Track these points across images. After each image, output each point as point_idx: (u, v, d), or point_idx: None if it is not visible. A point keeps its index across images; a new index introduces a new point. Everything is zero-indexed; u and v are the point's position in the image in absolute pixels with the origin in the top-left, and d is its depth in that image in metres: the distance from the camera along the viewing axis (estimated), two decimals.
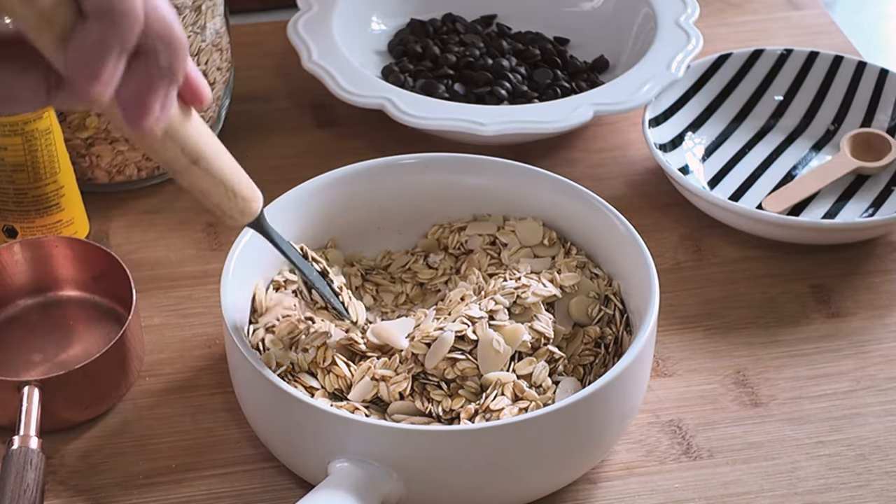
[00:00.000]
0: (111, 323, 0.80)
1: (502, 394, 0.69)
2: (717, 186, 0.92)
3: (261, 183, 0.64)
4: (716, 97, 0.98)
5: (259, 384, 0.67)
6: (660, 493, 0.72)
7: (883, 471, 0.73)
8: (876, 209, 0.90)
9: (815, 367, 0.80)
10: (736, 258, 0.88)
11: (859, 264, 0.87)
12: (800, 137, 0.97)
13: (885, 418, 0.77)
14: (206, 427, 0.76)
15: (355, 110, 0.96)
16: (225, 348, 0.72)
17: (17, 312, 0.81)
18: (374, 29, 1.05)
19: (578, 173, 0.94)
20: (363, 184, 0.80)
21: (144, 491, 0.72)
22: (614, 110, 0.91)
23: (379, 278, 0.80)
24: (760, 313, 0.84)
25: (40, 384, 0.72)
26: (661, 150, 0.91)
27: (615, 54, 1.02)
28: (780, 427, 0.76)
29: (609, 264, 0.77)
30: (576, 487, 0.72)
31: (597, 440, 0.69)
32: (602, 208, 0.77)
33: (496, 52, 1.01)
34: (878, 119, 0.96)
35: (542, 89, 0.97)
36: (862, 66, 0.97)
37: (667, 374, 0.79)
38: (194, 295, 0.85)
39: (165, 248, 0.88)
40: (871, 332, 0.83)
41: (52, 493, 0.72)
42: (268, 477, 0.73)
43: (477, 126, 0.89)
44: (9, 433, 0.72)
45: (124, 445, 0.75)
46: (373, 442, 0.64)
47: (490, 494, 0.68)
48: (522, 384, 0.69)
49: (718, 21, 1.11)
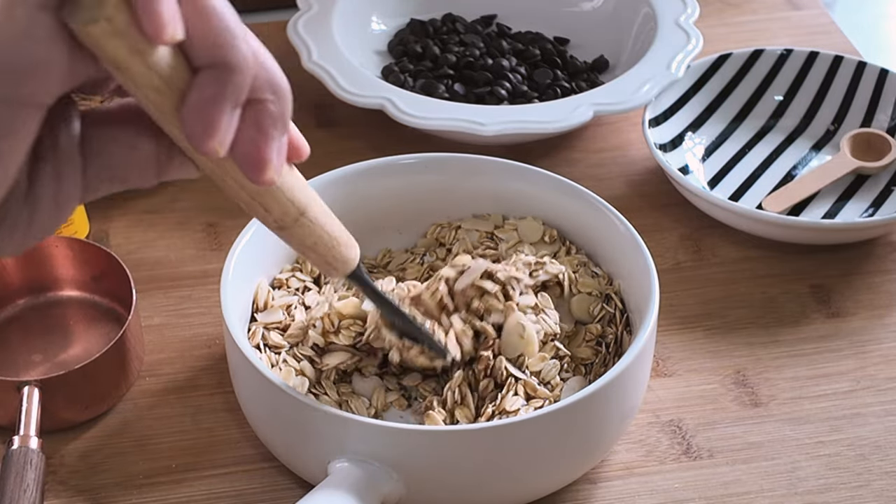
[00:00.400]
0: (111, 323, 0.80)
1: (516, 393, 0.69)
2: (717, 186, 0.92)
3: None
4: (716, 97, 0.98)
5: (259, 384, 0.67)
6: (660, 493, 0.72)
7: (883, 471, 0.73)
8: (876, 209, 0.90)
9: (815, 367, 0.80)
10: (736, 258, 0.88)
11: (859, 264, 0.87)
12: (800, 137, 0.97)
13: (885, 418, 0.77)
14: (206, 427, 0.76)
15: (355, 110, 0.96)
16: (225, 348, 0.72)
17: (17, 312, 0.81)
18: (374, 29, 1.05)
19: (578, 173, 0.94)
20: (363, 184, 0.80)
21: (144, 491, 0.72)
22: (614, 110, 0.91)
23: (378, 276, 0.80)
24: (760, 313, 0.84)
25: (40, 384, 0.73)
26: (661, 150, 0.91)
27: (615, 54, 1.02)
28: (780, 427, 0.76)
29: (609, 264, 0.77)
30: (576, 487, 0.72)
31: (597, 440, 0.69)
32: (602, 208, 0.77)
33: (496, 52, 1.01)
34: (878, 119, 0.96)
35: (542, 89, 0.97)
36: (862, 66, 0.97)
37: (667, 374, 0.79)
38: (194, 295, 0.85)
39: (165, 248, 0.88)
40: (871, 332, 0.83)
41: (52, 493, 0.72)
42: (268, 477, 0.73)
43: (477, 126, 0.89)
44: (9, 433, 0.72)
45: (124, 445, 0.75)
46: (373, 442, 0.64)
47: (490, 494, 0.68)
48: (534, 382, 0.70)
49: (718, 21, 1.11)
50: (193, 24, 0.43)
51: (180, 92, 0.44)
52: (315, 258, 0.58)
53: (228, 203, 0.84)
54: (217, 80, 0.44)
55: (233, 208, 0.87)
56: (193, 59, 0.44)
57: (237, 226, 0.77)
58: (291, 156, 0.52)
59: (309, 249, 0.57)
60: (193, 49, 0.44)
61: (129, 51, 0.42)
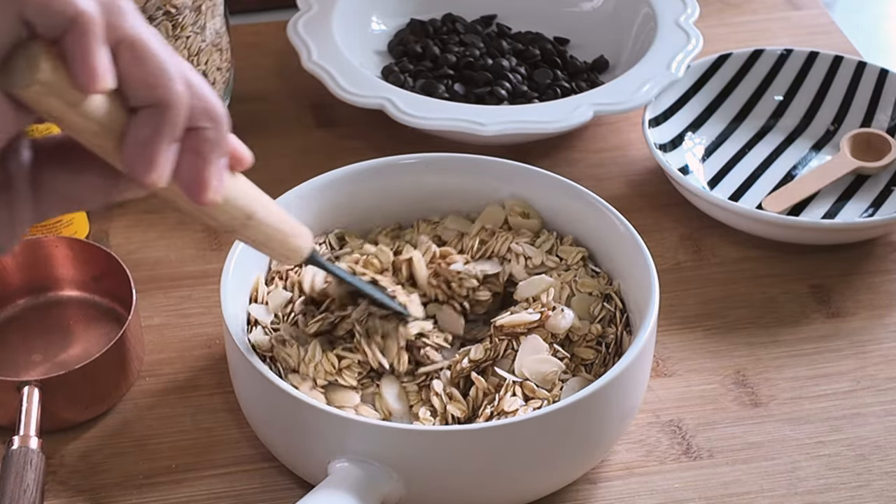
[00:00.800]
0: (111, 323, 0.80)
1: (514, 394, 0.69)
2: (717, 186, 0.92)
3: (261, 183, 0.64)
4: (716, 97, 0.98)
5: (259, 384, 0.67)
6: (660, 493, 0.72)
7: (883, 471, 0.73)
8: (876, 209, 0.90)
9: (815, 367, 0.80)
10: (736, 258, 0.88)
11: (859, 264, 0.87)
12: (800, 137, 0.97)
13: (885, 418, 0.77)
14: (206, 427, 0.76)
15: (355, 110, 0.96)
16: (225, 348, 0.72)
17: (17, 312, 0.81)
18: (374, 29, 1.05)
19: (578, 173, 0.94)
20: (363, 184, 0.80)
21: (144, 491, 0.72)
22: (614, 110, 0.91)
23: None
24: (760, 313, 0.84)
25: (40, 384, 0.72)
26: (661, 150, 0.91)
27: (615, 54, 1.02)
28: (780, 427, 0.76)
29: (609, 264, 0.77)
30: (576, 487, 0.72)
31: (597, 440, 0.69)
32: (602, 208, 0.77)
33: (496, 52, 1.01)
34: (878, 119, 0.96)
35: (542, 89, 0.97)
36: (862, 66, 0.97)
37: (667, 374, 0.79)
38: (194, 295, 0.85)
39: (165, 248, 0.88)
40: (871, 332, 0.83)
41: (52, 493, 0.72)
42: (268, 477, 0.73)
43: (477, 126, 0.89)
44: (9, 433, 0.72)
45: (124, 445, 0.75)
46: (373, 442, 0.64)
47: (490, 494, 0.68)
48: (532, 384, 0.70)
49: (718, 21, 1.11)
50: (129, 67, 0.46)
51: (119, 133, 0.46)
52: (269, 252, 0.62)
53: None
54: (152, 119, 0.47)
55: None
56: (129, 99, 0.46)
57: None
58: (234, 166, 0.54)
59: (261, 245, 0.61)
60: (129, 90, 0.46)
61: (65, 104, 0.44)
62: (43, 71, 0.42)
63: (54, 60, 0.43)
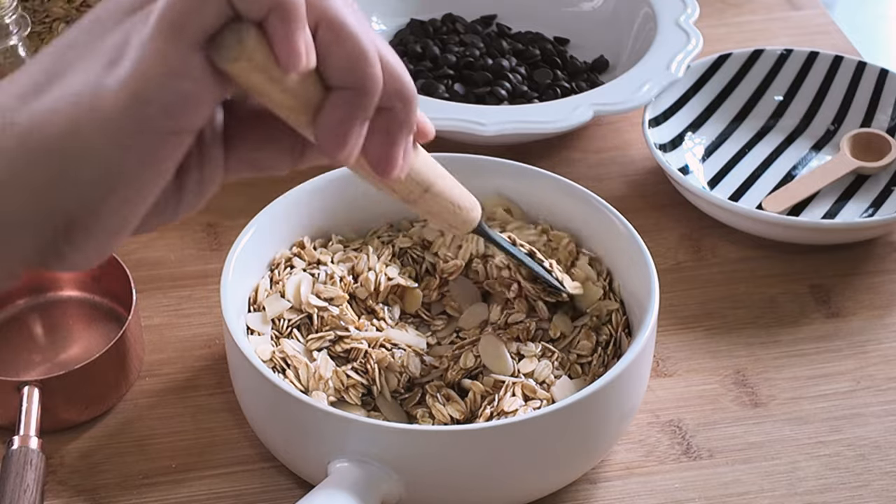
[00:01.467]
0: (111, 323, 0.80)
1: (513, 394, 0.69)
2: (717, 186, 0.92)
3: (261, 183, 0.64)
4: (716, 97, 0.98)
5: (259, 384, 0.67)
6: (660, 493, 0.72)
7: (883, 471, 0.73)
8: (876, 209, 0.90)
9: (814, 367, 0.80)
10: (736, 258, 0.88)
11: (859, 264, 0.87)
12: (800, 137, 0.97)
13: (885, 418, 0.77)
14: (206, 427, 0.76)
15: None
16: (225, 348, 0.72)
17: (17, 312, 0.81)
18: (374, 29, 1.05)
19: (578, 173, 0.94)
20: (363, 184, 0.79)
21: (144, 491, 0.72)
22: (614, 110, 0.91)
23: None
24: (760, 313, 0.84)
25: (40, 384, 0.72)
26: (661, 150, 0.91)
27: (615, 54, 1.02)
28: (780, 427, 0.76)
29: (609, 264, 0.77)
30: (576, 487, 0.72)
31: (596, 440, 0.69)
32: (602, 208, 0.77)
33: (496, 52, 1.01)
34: (878, 119, 0.96)
35: (542, 89, 0.97)
36: (862, 66, 0.97)
37: (667, 374, 0.79)
38: (194, 295, 0.85)
39: (165, 248, 0.88)
40: (871, 332, 0.83)
41: (52, 493, 0.72)
42: (268, 477, 0.73)
43: (477, 126, 0.89)
44: (9, 433, 0.72)
45: (124, 445, 0.75)
46: (373, 442, 0.64)
47: (490, 494, 0.68)
48: (531, 383, 0.70)
49: (718, 21, 1.11)
50: (329, 48, 0.47)
51: (314, 108, 0.48)
52: (439, 222, 0.63)
53: (228, 203, 0.85)
54: (348, 101, 0.48)
55: (233, 208, 0.87)
56: (327, 78, 0.48)
57: (237, 226, 0.77)
58: (418, 138, 0.56)
59: (433, 215, 0.62)
60: (328, 70, 0.47)
61: (268, 80, 0.46)
62: (250, 49, 0.44)
63: (260, 39, 0.45)
